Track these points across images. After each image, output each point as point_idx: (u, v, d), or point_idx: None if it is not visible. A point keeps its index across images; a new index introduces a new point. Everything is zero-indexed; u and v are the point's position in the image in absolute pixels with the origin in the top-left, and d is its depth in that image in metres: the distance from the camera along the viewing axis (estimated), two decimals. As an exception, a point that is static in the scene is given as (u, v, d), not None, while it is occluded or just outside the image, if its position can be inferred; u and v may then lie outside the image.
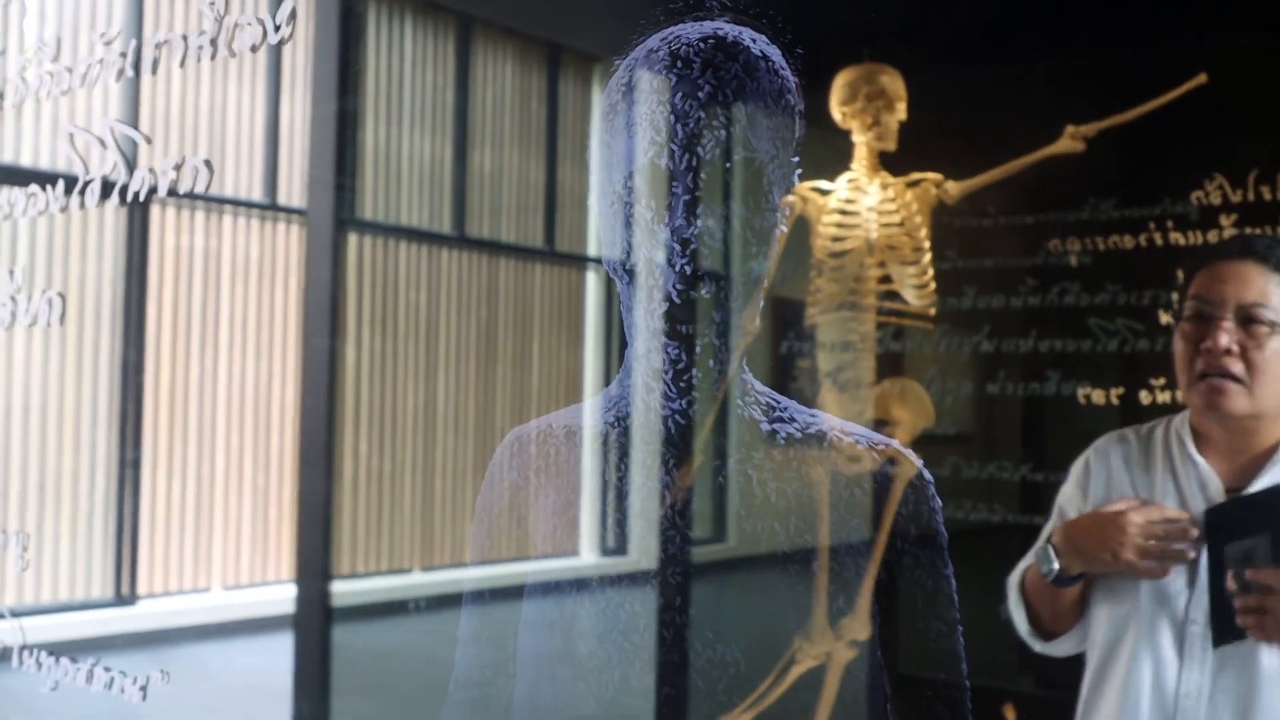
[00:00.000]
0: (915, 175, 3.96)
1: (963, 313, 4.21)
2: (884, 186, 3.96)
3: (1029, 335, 4.11)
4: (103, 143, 2.52)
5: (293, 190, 8.44)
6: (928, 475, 1.66)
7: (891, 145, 3.96)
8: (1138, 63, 3.79)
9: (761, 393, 1.73)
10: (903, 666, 3.83)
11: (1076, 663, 2.16)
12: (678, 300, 1.77)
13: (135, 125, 7.54)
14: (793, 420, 1.88)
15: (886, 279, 3.94)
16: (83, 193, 2.66)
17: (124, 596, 7.54)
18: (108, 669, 2.81)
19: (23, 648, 3.00)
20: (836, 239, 3.99)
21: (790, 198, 4.11)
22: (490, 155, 9.77)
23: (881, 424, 4.11)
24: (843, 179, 4.03)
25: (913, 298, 3.91)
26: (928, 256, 3.95)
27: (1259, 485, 1.92)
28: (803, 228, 4.10)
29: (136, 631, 7.40)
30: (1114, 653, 2.01)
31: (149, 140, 2.81)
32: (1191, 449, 2.00)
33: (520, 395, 9.88)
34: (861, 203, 3.96)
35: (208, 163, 2.31)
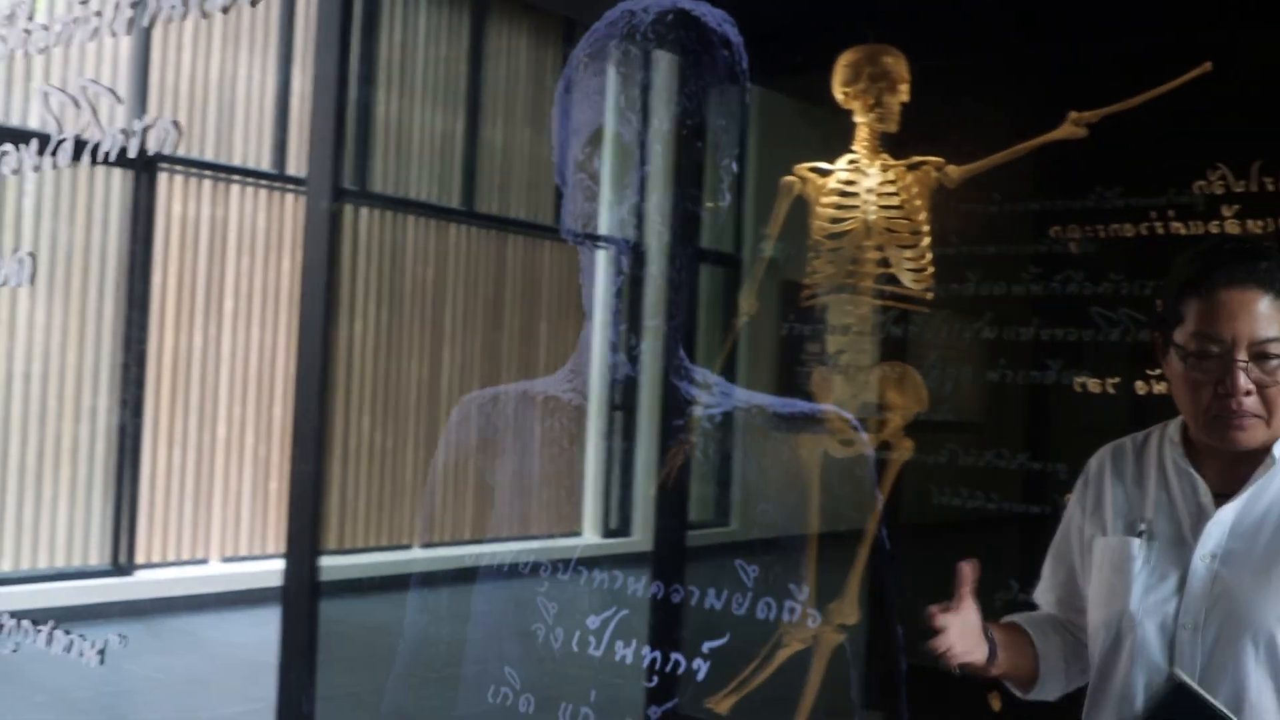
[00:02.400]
0: (916, 158, 3.92)
1: (964, 298, 4.17)
2: (884, 169, 3.92)
3: (1031, 323, 4.07)
4: (76, 102, 2.49)
5: (301, 160, 8.42)
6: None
7: (893, 127, 3.92)
8: (1142, 51, 3.75)
9: (698, 373, 1.70)
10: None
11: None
12: (627, 274, 1.74)
13: (144, 94, 7.52)
14: (729, 399, 1.85)
15: (884, 262, 3.90)
16: (54, 153, 2.64)
17: (121, 566, 7.55)
18: (67, 631, 2.80)
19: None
20: (835, 220, 3.95)
21: (789, 178, 4.08)
22: (502, 131, 9.75)
23: (878, 408, 4.08)
24: (843, 160, 3.99)
25: (909, 281, 3.87)
26: (926, 240, 3.90)
27: (1247, 492, 1.88)
28: (802, 208, 4.07)
29: (133, 599, 7.42)
30: (1110, 659, 1.98)
31: (120, 100, 2.78)
32: (1182, 458, 1.96)
33: (526, 372, 9.87)
34: (861, 184, 3.92)
35: (175, 123, 2.28)
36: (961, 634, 1.91)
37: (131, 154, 2.39)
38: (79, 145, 2.59)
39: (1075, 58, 3.96)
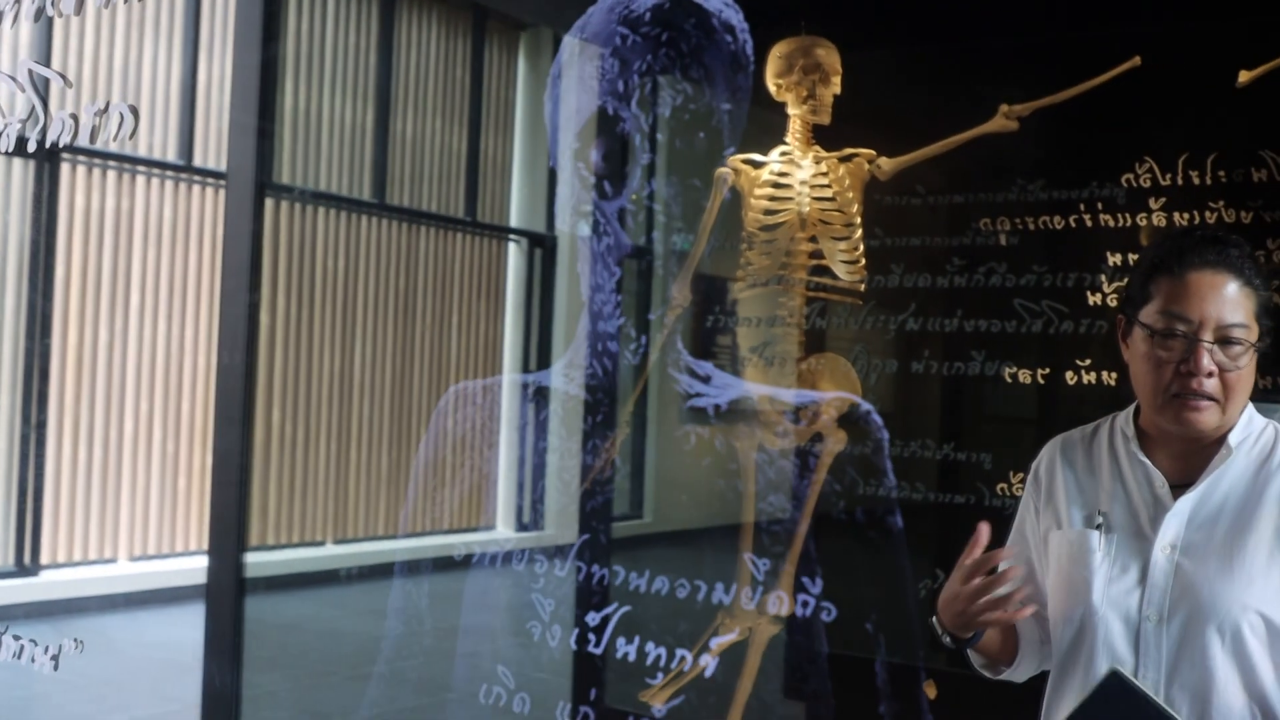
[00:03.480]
0: (849, 150, 3.94)
1: (889, 290, 4.19)
2: (817, 160, 3.93)
3: (954, 314, 4.10)
4: (20, 85, 2.41)
5: (209, 152, 8.26)
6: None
7: (826, 119, 3.92)
8: (1072, 44, 3.79)
9: (691, 363, 1.68)
10: (832, 645, 3.83)
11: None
12: (619, 267, 1.71)
13: (46, 84, 7.33)
14: (722, 391, 1.83)
15: (817, 254, 3.91)
16: (-2, 137, 2.54)
17: (26, 566, 7.35)
18: (17, 637, 2.72)
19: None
20: (768, 212, 3.95)
21: (723, 170, 4.08)
22: (413, 122, 9.65)
23: (807, 400, 4.09)
24: (776, 152, 4.00)
25: (843, 273, 3.89)
26: (859, 232, 3.92)
27: (1204, 482, 1.91)
28: (734, 201, 4.07)
29: (39, 601, 7.23)
30: (1072, 652, 1.99)
31: (69, 83, 2.69)
32: (1136, 449, 1.99)
33: (438, 364, 9.78)
34: (795, 176, 3.93)
35: (133, 109, 2.21)
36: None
37: (83, 140, 2.31)
38: (22, 134, 2.50)
39: (1006, 50, 4.00)
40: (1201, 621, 1.86)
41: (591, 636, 3.49)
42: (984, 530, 1.94)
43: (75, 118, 2.34)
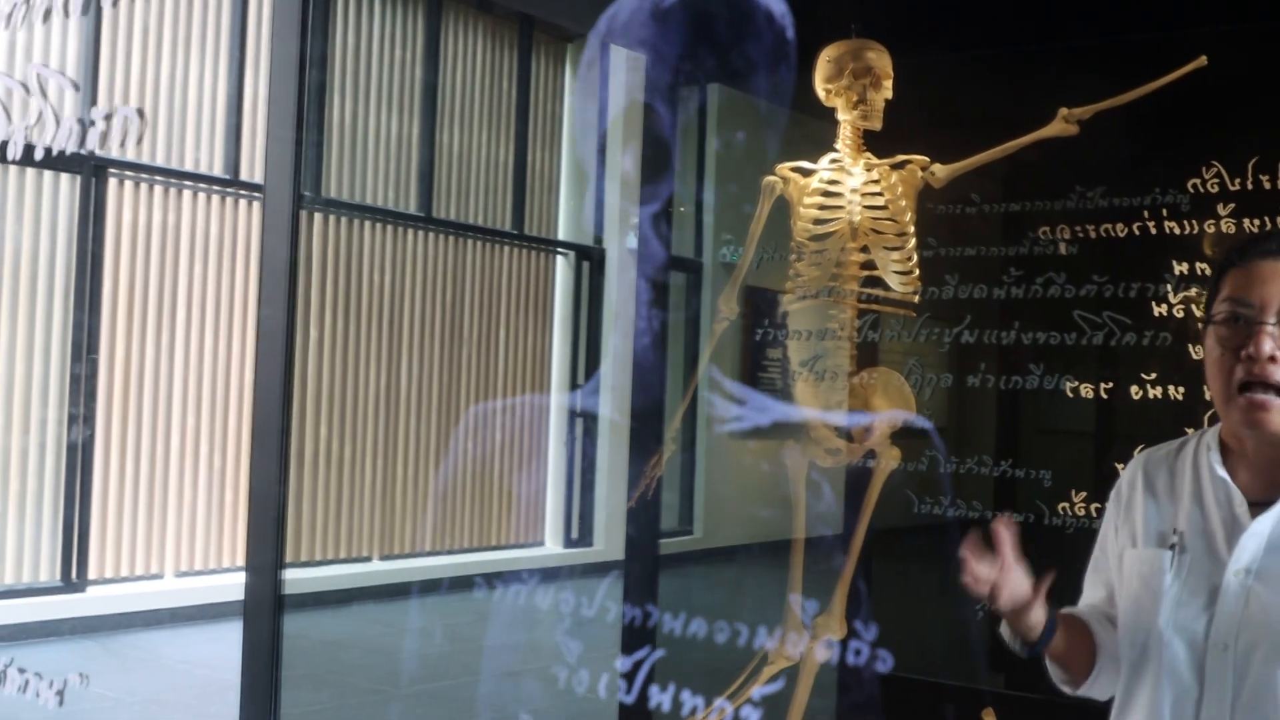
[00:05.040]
0: (901, 157, 3.82)
1: (944, 302, 4.08)
2: (868, 168, 3.82)
3: (1012, 327, 3.98)
4: (26, 89, 2.34)
5: (255, 167, 8.24)
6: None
7: (877, 125, 3.81)
8: (1135, 47, 3.67)
9: (729, 384, 1.58)
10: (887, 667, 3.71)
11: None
12: (658, 281, 1.61)
13: (93, 99, 7.33)
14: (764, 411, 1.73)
15: (869, 264, 3.80)
16: (4, 146, 2.47)
17: (73, 582, 7.34)
18: (22, 670, 2.64)
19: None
20: (818, 221, 3.84)
21: (770, 178, 3.97)
22: (459, 135, 9.61)
23: (860, 415, 3.98)
24: (825, 159, 3.89)
25: (896, 284, 3.77)
26: (912, 241, 3.80)
27: None
28: (782, 210, 3.96)
29: (85, 617, 7.21)
30: (1137, 677, 1.88)
31: (77, 87, 2.62)
32: (1217, 465, 1.87)
33: (485, 379, 9.73)
34: (845, 184, 3.82)
35: (140, 111, 2.13)
36: (1009, 587, 1.81)
37: (90, 145, 2.24)
38: (29, 140, 2.43)
39: (1065, 53, 3.88)
40: (1272, 653, 1.73)
41: (622, 684, 3.38)
42: (1000, 530, 1.83)
43: (82, 122, 2.26)
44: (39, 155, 2.29)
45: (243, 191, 8.18)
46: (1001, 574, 1.80)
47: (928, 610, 4.15)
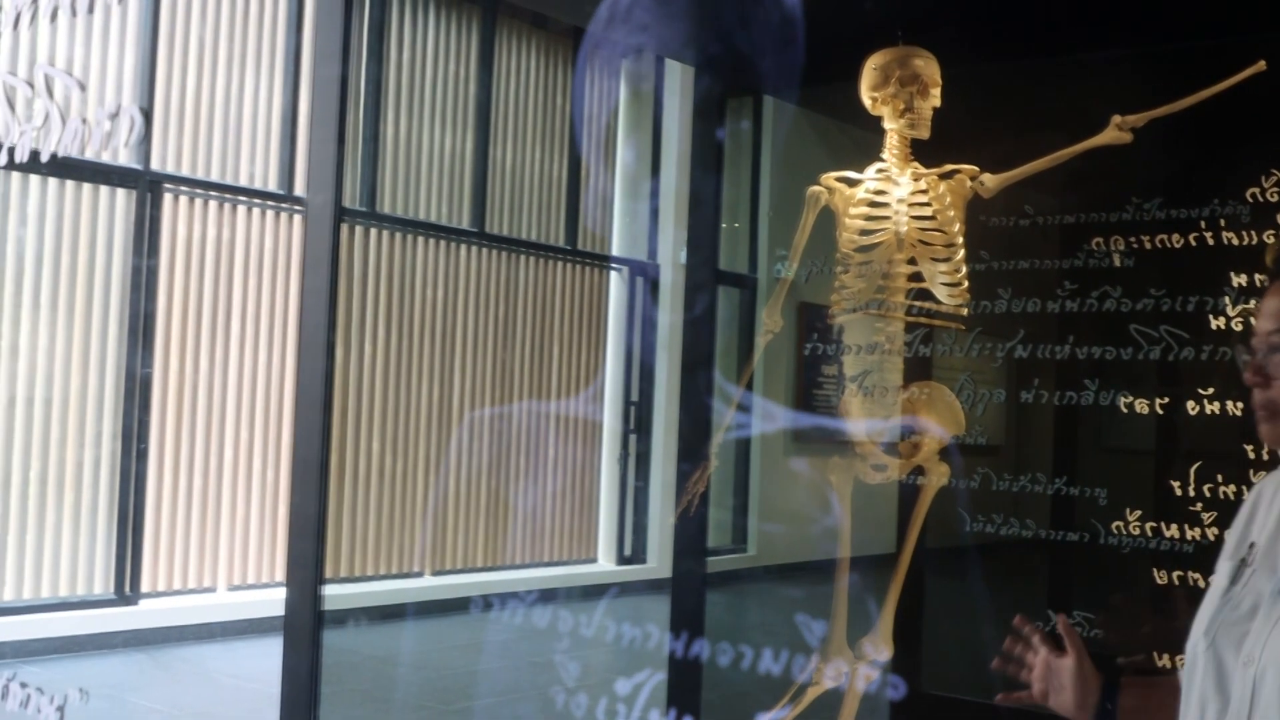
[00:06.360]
0: (949, 166, 3.73)
1: (996, 316, 3.99)
2: (916, 177, 3.73)
3: (1066, 341, 3.89)
4: (31, 86, 2.32)
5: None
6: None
7: (925, 133, 3.73)
8: (1191, 52, 3.57)
9: (729, 389, 1.52)
10: (928, 686, 3.62)
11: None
12: (708, 297, 1.55)
13: (149, 114, 7.38)
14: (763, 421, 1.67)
15: (917, 276, 3.71)
16: (13, 148, 2.45)
17: (126, 595, 7.37)
18: (24, 685, 2.61)
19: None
20: (864, 233, 3.76)
21: (815, 188, 3.90)
22: (512, 149, 9.60)
23: (909, 432, 3.89)
24: (872, 169, 3.81)
25: (944, 296, 3.68)
26: (961, 253, 3.71)
27: None
28: (828, 221, 3.89)
29: (138, 629, 7.24)
30: (1188, 685, 1.79)
31: (83, 87, 2.61)
32: None
33: (538, 395, 9.70)
34: (892, 194, 3.74)
35: (144, 110, 2.10)
36: (1044, 671, 1.76)
37: (91, 148, 2.21)
38: (34, 143, 2.41)
39: (1119, 59, 3.78)
40: (1279, 676, 1.63)
41: (621, 708, 3.32)
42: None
43: (86, 121, 2.23)
44: (45, 158, 2.27)
45: (297, 207, 8.21)
46: (1052, 654, 1.78)
47: (979, 630, 4.05)
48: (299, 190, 8.21)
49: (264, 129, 8.22)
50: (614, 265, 10.17)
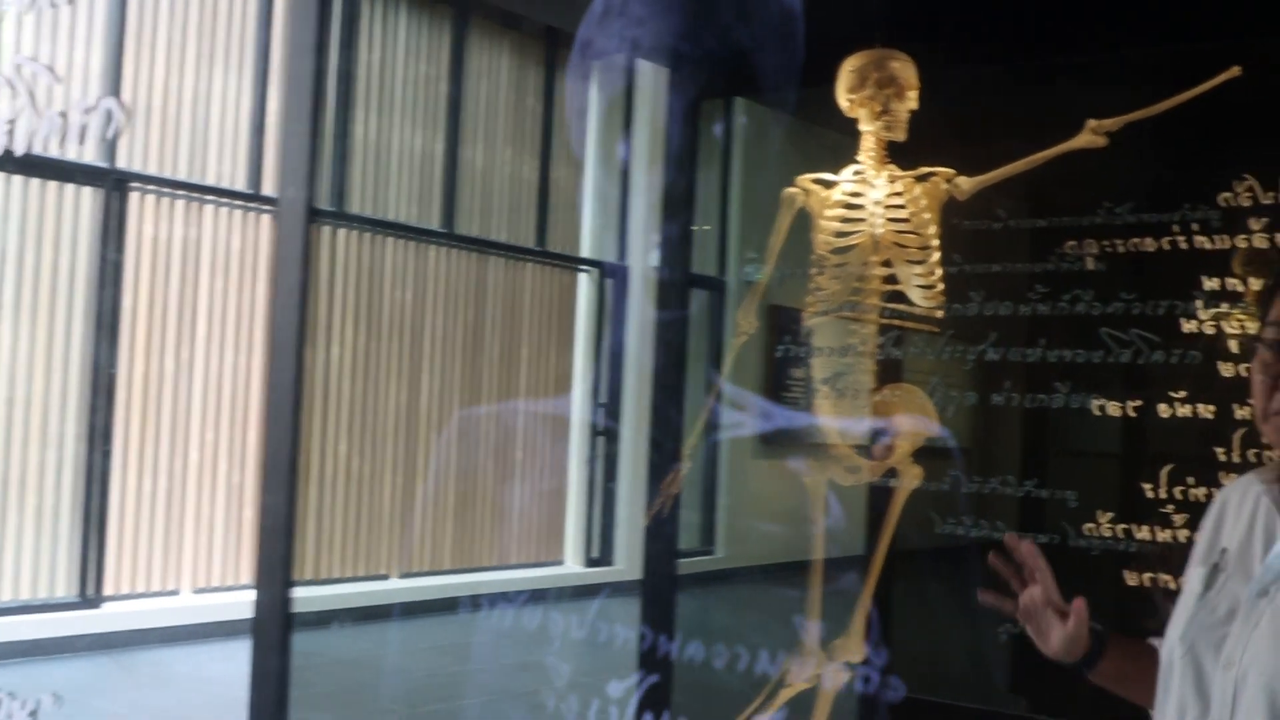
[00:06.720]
0: (925, 169, 3.74)
1: (968, 318, 4.00)
2: (892, 180, 3.74)
3: (1037, 344, 3.90)
4: (12, 85, 2.28)
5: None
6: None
7: (901, 136, 3.74)
8: (1166, 57, 3.59)
9: (728, 390, 1.51)
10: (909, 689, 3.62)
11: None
12: (679, 299, 1.54)
13: (129, 109, 7.30)
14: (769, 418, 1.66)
15: (891, 279, 3.72)
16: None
17: (89, 597, 7.30)
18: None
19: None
20: (840, 234, 3.76)
21: (791, 190, 3.90)
22: (483, 151, 9.58)
23: (881, 433, 3.90)
24: (848, 171, 3.81)
25: (919, 299, 3.69)
26: (936, 255, 3.72)
27: None
28: (803, 223, 3.89)
29: (101, 633, 7.16)
30: (1164, 687, 1.80)
31: (59, 80, 2.57)
32: (1274, 487, 1.79)
33: (507, 397, 9.67)
34: (868, 196, 3.74)
35: (123, 104, 2.08)
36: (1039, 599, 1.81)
37: (70, 140, 2.18)
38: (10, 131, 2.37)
39: (1094, 64, 3.80)
40: (1260, 678, 1.64)
41: (613, 711, 3.30)
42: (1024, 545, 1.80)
43: (64, 115, 2.20)
44: (20, 152, 2.24)
45: (265, 206, 8.16)
46: (1031, 586, 1.79)
47: (950, 632, 4.06)
48: (267, 190, 8.16)
49: (232, 128, 8.16)
50: (583, 267, 10.16)
